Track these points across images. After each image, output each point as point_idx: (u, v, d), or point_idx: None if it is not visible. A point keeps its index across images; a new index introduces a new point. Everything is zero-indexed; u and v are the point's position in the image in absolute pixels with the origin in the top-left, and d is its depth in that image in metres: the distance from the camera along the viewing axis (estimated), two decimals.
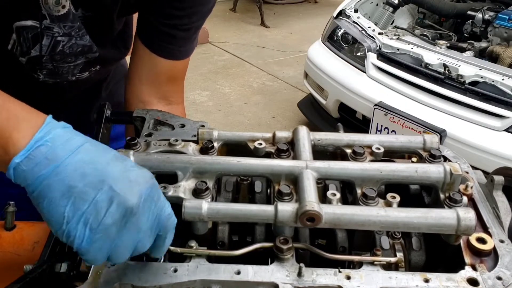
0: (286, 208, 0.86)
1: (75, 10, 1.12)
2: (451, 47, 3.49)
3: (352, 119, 3.68)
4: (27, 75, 1.21)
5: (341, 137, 1.09)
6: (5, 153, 0.71)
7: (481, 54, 3.59)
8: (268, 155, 1.06)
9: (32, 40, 1.13)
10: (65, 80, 1.26)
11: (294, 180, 0.94)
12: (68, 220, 0.70)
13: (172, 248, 0.88)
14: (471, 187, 1.01)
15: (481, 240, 0.90)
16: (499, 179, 1.05)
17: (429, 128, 2.98)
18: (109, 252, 0.74)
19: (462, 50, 3.53)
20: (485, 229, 0.95)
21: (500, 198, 1.03)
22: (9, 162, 0.71)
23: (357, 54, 3.67)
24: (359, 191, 0.95)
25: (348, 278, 0.84)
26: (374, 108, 3.23)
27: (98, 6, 1.15)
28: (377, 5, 4.11)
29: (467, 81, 3.08)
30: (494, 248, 0.89)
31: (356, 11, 3.87)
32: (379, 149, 1.06)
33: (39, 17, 1.09)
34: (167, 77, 1.35)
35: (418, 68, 3.27)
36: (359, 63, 3.59)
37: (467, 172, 1.10)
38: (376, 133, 3.26)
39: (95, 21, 1.17)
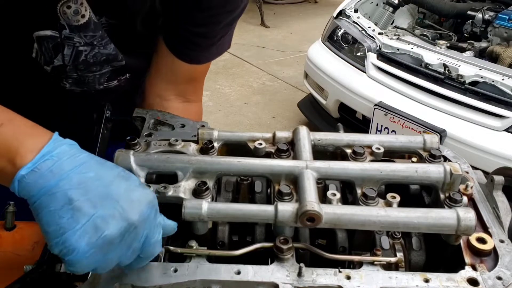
0: (286, 208, 0.87)
1: (99, 18, 1.10)
2: (451, 47, 3.49)
3: (352, 119, 3.68)
4: (54, 84, 1.20)
5: (341, 137, 1.09)
6: (12, 166, 0.72)
7: (481, 54, 3.59)
8: (268, 155, 1.06)
9: (53, 49, 1.12)
10: (93, 89, 1.25)
11: (294, 180, 0.94)
12: (65, 231, 0.70)
13: (172, 248, 0.88)
14: (471, 187, 1.01)
15: (481, 240, 0.90)
16: (499, 179, 1.05)
17: (429, 128, 2.98)
18: (96, 265, 0.74)
19: (462, 50, 3.53)
20: (485, 229, 0.95)
21: (500, 198, 1.03)
22: (14, 175, 0.71)
23: (357, 54, 3.67)
24: (359, 191, 0.95)
25: (348, 278, 0.84)
26: (374, 108, 3.23)
27: (124, 13, 1.12)
28: (377, 5, 4.11)
29: (467, 81, 3.08)
30: (494, 248, 0.89)
31: (356, 11, 3.86)
32: (379, 149, 1.06)
33: (58, 27, 1.07)
34: (187, 78, 1.35)
35: (418, 68, 3.27)
36: (359, 63, 3.59)
37: (467, 172, 1.10)
38: (376, 133, 3.26)
39: (120, 29, 1.15)
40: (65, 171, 0.72)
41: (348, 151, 1.06)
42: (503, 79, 3.01)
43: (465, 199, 0.95)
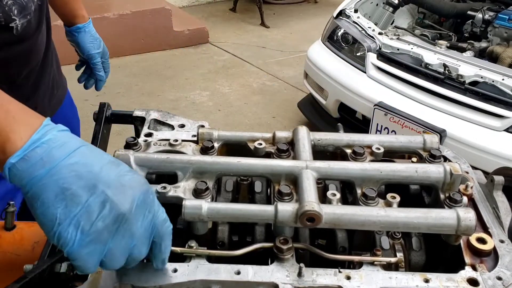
0: (286, 208, 0.86)
1: None
2: (451, 47, 3.49)
3: (352, 119, 3.68)
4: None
5: (341, 137, 1.09)
6: (2, 153, 0.72)
7: (481, 54, 3.59)
8: (268, 155, 1.06)
9: None
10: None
11: (294, 180, 0.94)
12: (60, 221, 0.70)
13: (172, 248, 0.88)
14: (471, 187, 1.01)
15: (481, 240, 0.90)
16: (499, 179, 1.05)
17: (429, 128, 2.98)
18: (100, 257, 0.74)
19: (462, 50, 3.53)
20: (485, 229, 0.95)
21: (500, 198, 1.03)
22: (5, 163, 0.71)
23: (357, 54, 3.67)
24: (359, 191, 0.95)
25: (348, 278, 0.84)
26: (374, 108, 3.23)
27: None
28: (377, 5, 4.11)
29: (467, 81, 3.08)
30: (494, 248, 0.89)
31: (356, 11, 3.86)
32: (379, 149, 1.06)
33: None
34: None
35: (418, 68, 3.27)
36: (359, 63, 3.59)
37: (467, 172, 1.10)
38: (376, 133, 3.26)
39: None
40: (55, 158, 0.71)
41: (348, 151, 1.06)
42: (503, 79, 3.01)
43: (465, 199, 0.95)
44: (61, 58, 2.03)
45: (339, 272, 0.85)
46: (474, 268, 0.86)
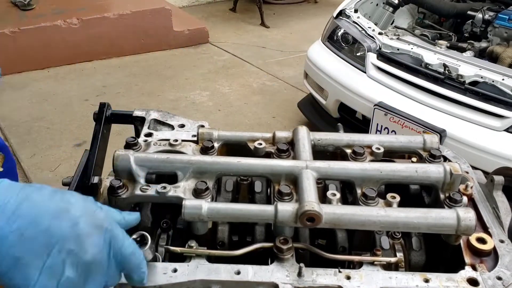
0: (286, 208, 0.86)
1: None
2: (451, 47, 3.48)
3: (352, 119, 3.68)
4: None
5: (341, 137, 1.09)
6: None
7: (481, 54, 3.58)
8: (268, 155, 1.06)
9: None
10: None
11: (294, 180, 0.94)
12: None
13: (172, 248, 0.88)
14: (471, 187, 1.01)
15: (481, 240, 0.90)
16: (499, 179, 1.05)
17: (429, 128, 2.98)
18: None
19: (462, 50, 3.53)
20: (485, 229, 0.95)
21: (500, 198, 1.03)
22: None
23: (357, 54, 3.67)
24: (359, 191, 0.95)
25: (348, 278, 0.84)
26: (374, 108, 3.23)
27: None
28: (377, 5, 4.11)
29: (467, 81, 3.08)
30: (494, 248, 0.89)
31: (356, 11, 3.86)
32: (379, 149, 1.06)
33: None
34: None
35: (418, 68, 3.27)
36: (359, 63, 3.58)
37: (467, 172, 1.10)
38: (376, 133, 3.26)
39: None
40: None
41: (348, 151, 1.06)
42: (503, 79, 3.01)
43: (465, 199, 0.95)
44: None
45: (339, 272, 0.85)
46: (474, 268, 0.86)
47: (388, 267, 0.89)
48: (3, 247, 0.66)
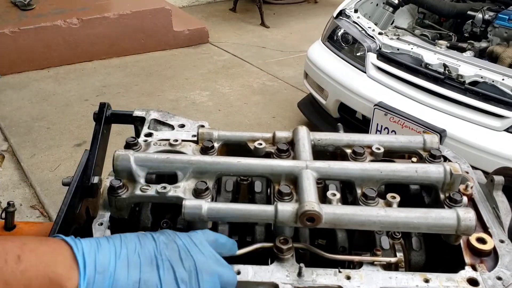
0: (286, 208, 0.86)
1: None
2: (451, 47, 3.48)
3: (352, 119, 3.68)
4: None
5: (341, 137, 1.09)
6: None
7: (481, 54, 3.58)
8: (268, 155, 1.06)
9: None
10: None
11: (294, 180, 0.94)
12: None
13: None
14: (471, 187, 1.01)
15: (481, 240, 0.90)
16: (499, 179, 1.05)
17: (429, 128, 2.98)
18: None
19: (462, 50, 3.53)
20: (485, 229, 0.95)
21: (500, 198, 1.03)
22: None
23: (357, 54, 3.67)
24: (359, 191, 0.95)
25: (348, 278, 0.84)
26: (374, 108, 3.23)
27: None
28: (377, 5, 4.11)
29: (467, 81, 3.08)
30: (494, 248, 0.89)
31: (356, 11, 3.86)
32: (379, 149, 1.06)
33: None
34: None
35: (418, 68, 3.27)
36: (359, 63, 3.58)
37: (467, 172, 1.10)
38: (376, 133, 3.26)
39: None
40: (107, 265, 0.71)
41: (348, 151, 1.06)
42: (503, 79, 3.01)
43: (465, 199, 0.95)
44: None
45: (339, 272, 0.85)
46: (474, 268, 0.86)
47: (388, 267, 0.89)
48: (121, 278, 0.71)
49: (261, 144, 1.06)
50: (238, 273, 0.84)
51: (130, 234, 0.79)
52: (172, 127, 1.18)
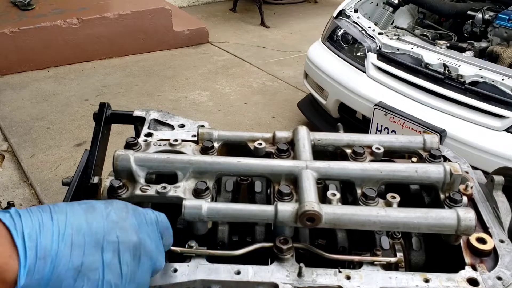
0: (286, 208, 0.86)
1: None
2: (451, 47, 3.48)
3: (352, 119, 3.67)
4: None
5: (341, 137, 1.09)
6: (2, 283, 0.66)
7: (481, 54, 3.58)
8: (268, 155, 1.06)
9: None
10: None
11: (294, 180, 0.94)
12: None
13: (172, 248, 0.88)
14: (471, 187, 1.01)
15: (481, 240, 0.90)
16: (499, 179, 1.05)
17: (429, 128, 2.98)
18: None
19: (462, 50, 3.52)
20: (485, 229, 0.95)
21: (500, 198, 1.03)
22: None
23: (357, 54, 3.67)
24: (359, 191, 0.95)
25: (348, 278, 0.84)
26: (374, 108, 3.23)
27: None
28: (377, 5, 4.11)
29: (467, 81, 3.08)
30: (494, 248, 0.89)
31: (356, 11, 3.86)
32: (379, 149, 1.06)
33: None
34: None
35: (418, 68, 3.27)
36: (359, 63, 3.58)
37: (467, 172, 1.10)
38: (376, 133, 3.26)
39: None
40: (48, 248, 0.67)
41: (348, 151, 1.06)
42: (503, 79, 3.00)
43: (465, 199, 0.95)
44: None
45: (339, 272, 0.85)
46: (474, 268, 0.86)
47: (388, 267, 0.89)
48: (62, 261, 0.68)
49: (261, 144, 1.06)
50: (238, 273, 0.84)
51: (78, 207, 0.74)
52: (172, 127, 1.18)
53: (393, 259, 0.89)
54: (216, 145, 1.07)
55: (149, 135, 1.14)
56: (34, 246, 0.66)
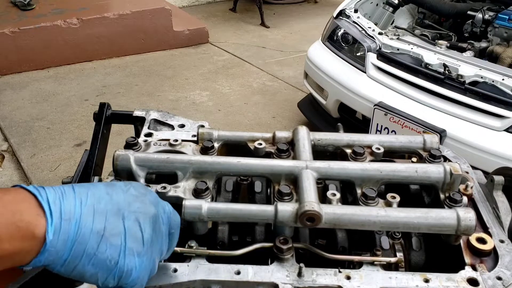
0: (286, 208, 0.86)
1: None
2: (451, 47, 3.48)
3: (352, 119, 3.68)
4: None
5: (341, 137, 1.09)
6: (33, 241, 0.68)
7: (481, 54, 3.58)
8: (268, 155, 1.06)
9: None
10: None
11: (294, 180, 0.94)
12: (115, 260, 0.71)
13: None
14: (471, 187, 1.01)
15: (481, 240, 0.90)
16: (499, 179, 1.05)
17: (429, 128, 2.98)
18: (149, 270, 0.77)
19: (462, 50, 3.52)
20: (485, 229, 0.95)
21: (500, 198, 1.03)
22: (39, 248, 0.68)
23: (357, 54, 3.67)
24: (359, 191, 0.95)
25: (348, 278, 0.84)
26: (374, 108, 3.23)
27: None
28: (377, 5, 4.11)
29: (467, 81, 3.08)
30: (494, 248, 0.89)
31: (356, 11, 3.86)
32: (379, 149, 1.06)
33: None
34: None
35: (418, 68, 3.27)
36: (359, 63, 3.58)
37: (467, 172, 1.10)
38: (376, 133, 3.26)
39: None
40: (72, 212, 0.70)
41: (348, 151, 1.06)
42: (503, 79, 3.00)
43: (465, 199, 0.95)
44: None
45: (339, 272, 0.85)
46: (474, 268, 0.86)
47: (388, 267, 0.89)
48: (86, 225, 0.70)
49: (261, 144, 1.06)
50: (238, 273, 0.84)
51: (99, 183, 0.78)
52: (172, 127, 1.18)
53: (393, 259, 0.89)
54: (216, 145, 1.07)
55: (149, 135, 1.14)
56: (59, 209, 0.70)
